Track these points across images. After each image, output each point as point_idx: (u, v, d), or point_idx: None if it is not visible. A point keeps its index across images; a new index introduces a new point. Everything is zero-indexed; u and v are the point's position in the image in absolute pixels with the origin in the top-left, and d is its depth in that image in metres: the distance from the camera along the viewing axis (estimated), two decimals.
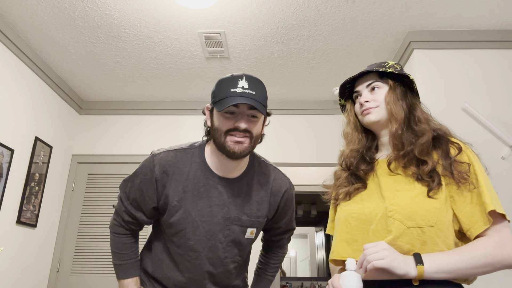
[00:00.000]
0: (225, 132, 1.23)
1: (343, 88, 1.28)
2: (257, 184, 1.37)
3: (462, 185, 1.01)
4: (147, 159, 1.35)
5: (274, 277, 1.60)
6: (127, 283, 1.37)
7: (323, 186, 1.30)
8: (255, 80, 1.24)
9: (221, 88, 1.23)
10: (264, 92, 1.25)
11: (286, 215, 1.47)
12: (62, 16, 2.57)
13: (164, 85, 3.48)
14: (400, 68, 1.20)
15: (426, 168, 1.04)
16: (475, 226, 0.99)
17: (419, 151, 1.07)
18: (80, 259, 3.36)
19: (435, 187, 1.01)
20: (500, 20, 2.55)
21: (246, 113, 1.22)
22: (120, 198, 1.40)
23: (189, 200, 1.30)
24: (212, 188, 1.31)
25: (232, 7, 2.49)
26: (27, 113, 2.96)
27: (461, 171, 1.02)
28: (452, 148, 1.07)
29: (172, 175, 1.31)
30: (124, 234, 1.39)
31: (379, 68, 1.19)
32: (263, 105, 1.22)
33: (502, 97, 2.55)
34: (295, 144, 3.64)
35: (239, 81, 1.21)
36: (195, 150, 1.36)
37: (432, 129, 1.12)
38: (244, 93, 1.19)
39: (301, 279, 6.37)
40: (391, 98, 1.15)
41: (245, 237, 1.36)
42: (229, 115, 1.22)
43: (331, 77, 3.27)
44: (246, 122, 1.22)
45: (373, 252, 0.94)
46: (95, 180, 3.59)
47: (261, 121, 1.28)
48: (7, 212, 2.74)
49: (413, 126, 1.12)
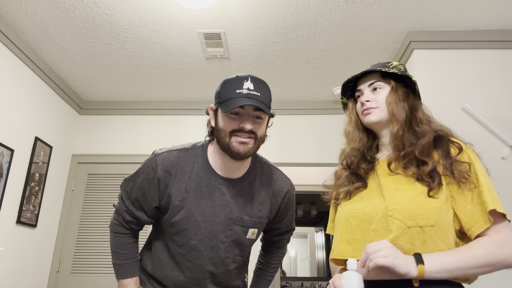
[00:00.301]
0: (230, 133, 1.23)
1: (346, 86, 1.28)
2: (259, 184, 1.37)
3: (463, 185, 1.01)
4: (149, 159, 1.35)
5: (273, 277, 1.60)
6: (127, 283, 1.37)
7: (323, 186, 1.30)
8: (260, 81, 1.24)
9: (226, 89, 1.23)
10: (269, 93, 1.26)
11: (286, 216, 1.47)
12: (62, 16, 2.57)
13: (164, 85, 3.48)
14: (404, 69, 1.20)
15: (426, 169, 1.04)
16: (476, 226, 0.99)
17: (420, 152, 1.07)
18: (80, 259, 3.36)
19: (436, 186, 1.01)
20: (500, 20, 2.55)
21: (251, 114, 1.22)
22: (121, 198, 1.39)
23: (191, 200, 1.30)
24: (215, 188, 1.32)
25: (232, 7, 2.49)
26: (27, 113, 2.96)
27: (462, 170, 1.02)
28: (452, 148, 1.07)
29: (175, 174, 1.31)
30: (124, 234, 1.39)
31: (382, 68, 1.19)
32: (267, 106, 1.23)
33: (502, 97, 2.55)
34: (295, 144, 3.64)
35: (245, 82, 1.21)
36: (197, 150, 1.36)
37: (433, 130, 1.12)
38: (250, 94, 1.19)
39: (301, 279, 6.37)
40: (392, 99, 1.15)
41: (247, 238, 1.36)
42: (234, 116, 1.22)
43: (331, 77, 3.28)
44: (251, 123, 1.22)
45: (376, 250, 0.94)
46: (95, 180, 3.59)
47: (265, 122, 1.29)
48: (7, 212, 2.75)
49: (415, 127, 1.12)
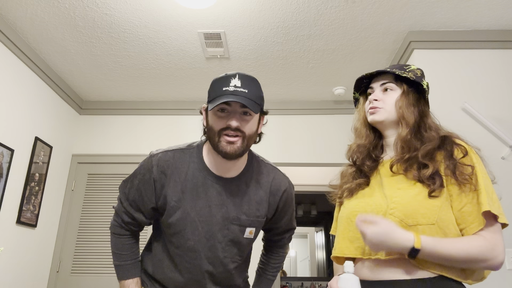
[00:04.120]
0: (218, 132, 1.22)
1: (360, 82, 1.29)
2: (256, 183, 1.37)
3: (463, 186, 1.02)
4: (145, 160, 1.35)
5: (275, 277, 1.60)
6: (128, 284, 1.37)
7: (329, 186, 1.32)
8: (248, 78, 1.23)
9: (214, 87, 1.23)
10: (258, 90, 1.24)
11: (286, 215, 1.46)
12: (62, 16, 2.57)
13: (164, 85, 3.48)
14: (421, 74, 1.20)
15: (426, 172, 1.04)
16: (471, 226, 1.00)
17: (422, 154, 1.08)
18: (80, 259, 3.36)
19: (437, 188, 1.02)
20: (500, 20, 2.55)
21: (238, 111, 1.21)
22: (120, 199, 1.40)
23: (187, 200, 1.30)
24: (211, 188, 1.31)
25: (232, 7, 2.49)
26: (27, 113, 2.96)
27: (464, 173, 1.03)
28: (457, 150, 1.07)
29: (171, 175, 1.30)
30: (124, 235, 1.40)
31: (398, 70, 1.19)
32: (256, 103, 1.21)
33: (502, 97, 2.54)
34: (295, 144, 3.64)
35: (232, 79, 1.21)
36: (193, 150, 1.35)
37: (440, 136, 1.12)
38: (236, 91, 1.18)
39: (301, 279, 6.37)
40: (403, 103, 1.16)
41: (244, 237, 1.35)
42: (222, 114, 1.22)
43: (331, 77, 3.27)
44: (237, 120, 1.21)
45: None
46: (95, 180, 3.59)
47: (255, 119, 1.27)
48: (7, 212, 2.75)
49: (423, 132, 1.14)
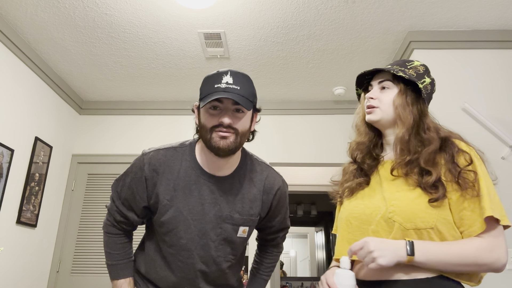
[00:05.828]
0: (210, 129, 1.21)
1: (362, 78, 1.27)
2: (249, 181, 1.35)
3: (465, 191, 1.00)
4: (137, 158, 1.34)
5: (269, 276, 1.58)
6: (120, 284, 1.36)
7: (331, 181, 1.29)
8: (240, 75, 1.22)
9: (206, 85, 1.22)
10: (250, 87, 1.23)
11: (279, 213, 1.45)
12: (62, 16, 2.57)
13: (164, 85, 3.48)
14: (423, 70, 1.16)
15: (430, 180, 1.01)
16: (470, 230, 0.98)
17: (425, 161, 1.04)
18: (80, 259, 3.36)
19: (440, 198, 0.99)
20: (500, 20, 2.55)
21: (230, 108, 1.20)
22: (112, 198, 1.39)
23: (180, 198, 1.29)
24: (204, 186, 1.30)
25: (232, 7, 2.49)
26: (27, 113, 2.96)
27: (467, 179, 1.00)
28: (461, 157, 1.03)
29: (163, 173, 1.29)
30: (116, 234, 1.38)
31: (398, 67, 1.16)
32: (249, 100, 1.20)
33: (502, 97, 2.54)
34: (295, 144, 3.64)
35: (224, 76, 1.19)
36: (185, 149, 1.34)
37: (440, 137, 1.09)
38: (228, 88, 1.17)
39: (301, 279, 6.37)
40: (399, 102, 1.13)
41: (237, 236, 1.34)
42: (214, 111, 1.21)
43: (331, 77, 3.27)
44: (230, 117, 1.20)
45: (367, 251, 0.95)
46: (95, 180, 3.59)
47: (247, 116, 1.26)
48: (7, 212, 2.75)
49: (422, 133, 1.10)
